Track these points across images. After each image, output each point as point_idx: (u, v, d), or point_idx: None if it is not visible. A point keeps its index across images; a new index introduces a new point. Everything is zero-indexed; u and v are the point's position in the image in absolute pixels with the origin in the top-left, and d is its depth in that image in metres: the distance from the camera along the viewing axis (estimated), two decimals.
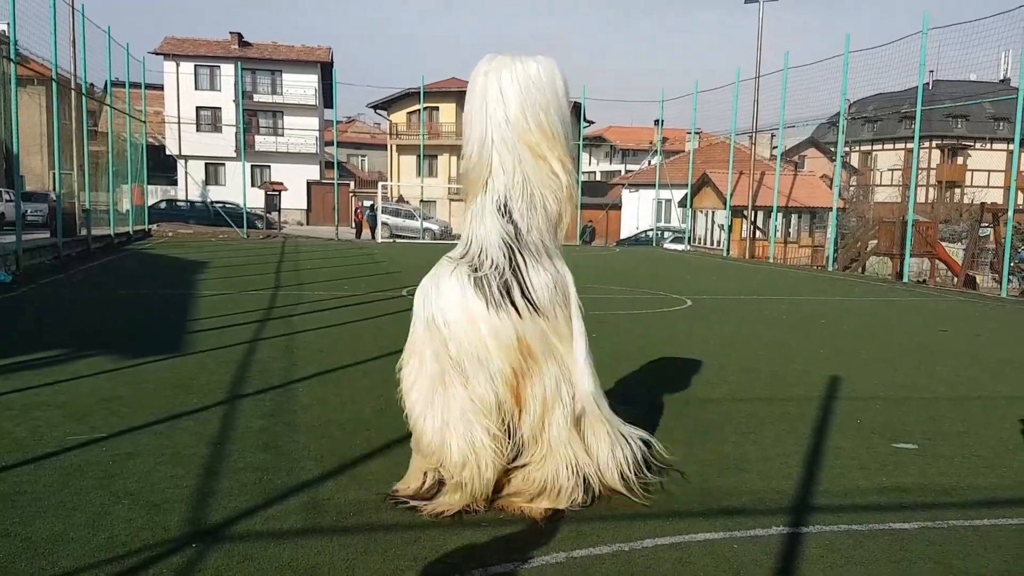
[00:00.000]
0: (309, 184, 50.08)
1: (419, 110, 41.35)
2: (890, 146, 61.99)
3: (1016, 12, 17.07)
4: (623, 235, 42.90)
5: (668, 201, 38.83)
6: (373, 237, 35.50)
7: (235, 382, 6.69)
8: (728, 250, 29.88)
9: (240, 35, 51.25)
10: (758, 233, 29.91)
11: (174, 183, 49.24)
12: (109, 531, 3.68)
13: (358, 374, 7.16)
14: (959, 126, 61.18)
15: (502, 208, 4.07)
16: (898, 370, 8.29)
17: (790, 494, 4.46)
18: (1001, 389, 7.58)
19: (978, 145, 61.09)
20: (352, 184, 50.89)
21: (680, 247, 33.28)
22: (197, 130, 49.26)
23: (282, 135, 50.69)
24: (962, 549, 3.80)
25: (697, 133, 36.27)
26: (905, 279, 20.62)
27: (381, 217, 36.41)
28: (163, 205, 37.79)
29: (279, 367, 7.34)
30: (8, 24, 15.80)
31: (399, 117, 52.19)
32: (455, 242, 4.49)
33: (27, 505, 3.95)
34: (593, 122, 55.92)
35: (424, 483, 4.10)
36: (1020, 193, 22.41)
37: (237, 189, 37.02)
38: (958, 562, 3.67)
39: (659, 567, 3.52)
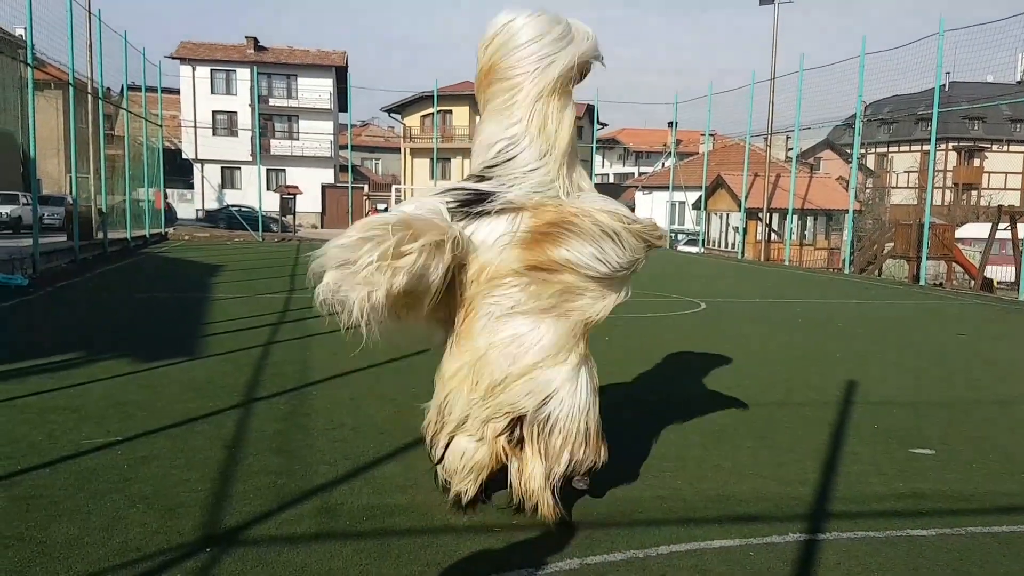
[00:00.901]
0: (324, 187, 50.21)
1: (433, 113, 41.47)
2: (906, 148, 61.57)
3: None
4: None
5: (682, 203, 38.73)
6: None
7: (250, 385, 6.70)
8: (743, 253, 29.76)
9: (256, 39, 51.45)
10: (773, 235, 29.79)
11: (190, 187, 49.54)
12: (124, 535, 3.68)
13: (372, 377, 7.16)
14: (976, 128, 60.69)
15: None
16: (915, 374, 8.22)
17: (807, 500, 4.42)
18: (1020, 393, 7.50)
19: (995, 147, 60.57)
20: (366, 187, 51.02)
21: (694, 249, 33.19)
22: (213, 134, 49.49)
23: (297, 139, 50.86)
24: (981, 556, 3.76)
25: (711, 135, 36.16)
26: (922, 282, 20.47)
27: None
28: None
29: (293, 370, 7.36)
30: (25, 28, 15.93)
31: (413, 120, 52.29)
32: None
33: (43, 509, 3.96)
34: (606, 124, 55.94)
35: None
36: None
37: (253, 193, 37.21)
38: (977, 570, 3.63)
39: (674, 574, 3.50)
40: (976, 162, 61.80)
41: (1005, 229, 23.93)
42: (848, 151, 43.33)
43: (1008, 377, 8.30)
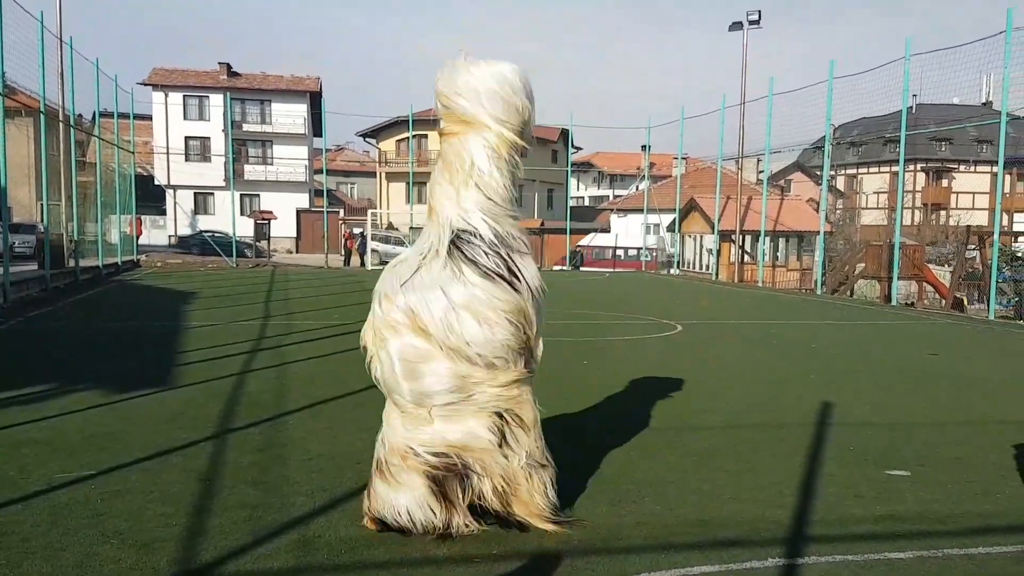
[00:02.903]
0: (298, 212, 50.09)
1: (408, 138, 41.53)
2: (875, 169, 62.53)
3: (996, 38, 17.32)
4: None
5: (656, 226, 38.99)
6: (363, 264, 35.48)
7: (225, 415, 6.63)
8: (717, 274, 29.99)
9: (229, 65, 51.44)
10: (746, 257, 30.05)
11: (163, 213, 49.19)
12: (97, 572, 3.62)
13: (348, 406, 7.12)
14: (943, 149, 61.80)
15: None
16: (889, 395, 8.30)
17: (785, 524, 4.43)
18: (993, 413, 7.59)
19: (962, 168, 61.68)
20: (341, 212, 50.94)
21: (669, 271, 33.38)
22: (186, 160, 49.28)
23: (271, 164, 50.77)
24: None
25: (684, 158, 36.52)
26: (893, 302, 20.71)
27: (371, 244, 36.45)
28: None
29: (269, 399, 7.30)
30: None
31: (388, 145, 52.38)
32: None
33: (14, 546, 3.89)
34: (581, 148, 56.26)
35: None
36: (1005, 215, 22.59)
37: (226, 218, 37.02)
38: None
39: None
40: (944, 182, 62.86)
41: (974, 249, 24.31)
42: (818, 173, 43.87)
43: (981, 397, 8.39)
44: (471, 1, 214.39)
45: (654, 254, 36.90)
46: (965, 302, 23.39)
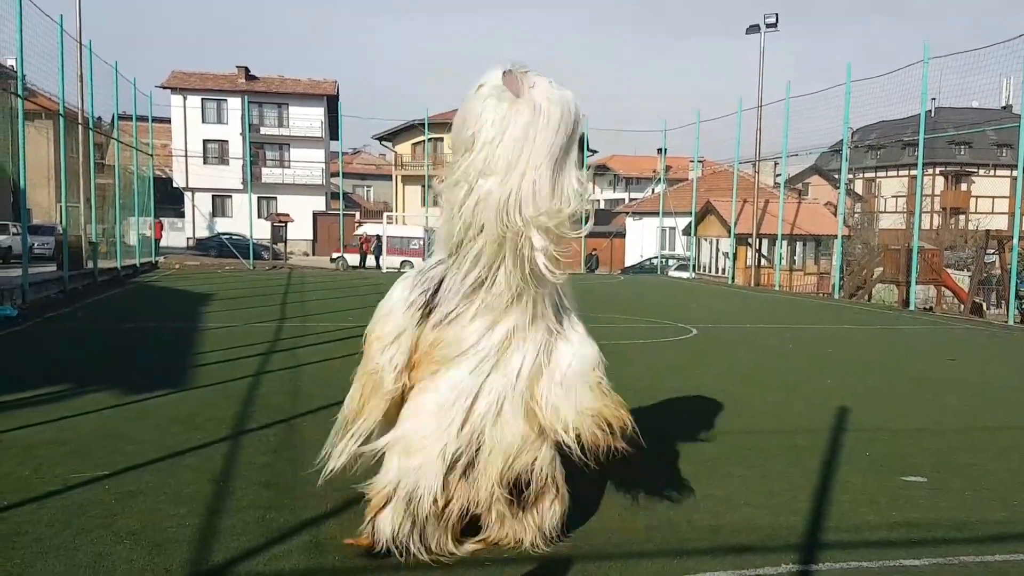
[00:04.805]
0: (315, 215, 50.28)
1: (423, 141, 41.63)
2: (894, 173, 62.05)
3: (1016, 41, 17.18)
4: (628, 263, 42.94)
5: (672, 229, 38.88)
6: (377, 266, 35.56)
7: (239, 417, 6.66)
8: (733, 278, 29.85)
9: (247, 69, 51.74)
10: (763, 261, 29.91)
11: (181, 215, 49.51)
12: (110, 572, 3.64)
13: None
14: (962, 153, 61.26)
15: None
16: (906, 400, 8.23)
17: (799, 530, 4.40)
18: (1011, 419, 7.51)
19: (982, 171, 61.14)
20: (358, 214, 51.14)
21: (685, 275, 33.27)
22: (204, 163, 49.59)
23: (288, 167, 51.02)
24: None
25: (700, 161, 36.40)
26: (911, 307, 20.55)
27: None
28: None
29: (283, 402, 7.32)
30: (16, 59, 15.97)
31: (404, 148, 52.56)
32: None
33: (28, 546, 3.91)
34: (596, 151, 56.22)
35: None
36: None
37: (244, 221, 37.19)
38: None
39: None
40: (963, 186, 62.33)
41: (993, 253, 24.11)
42: (836, 176, 43.64)
43: (997, 403, 8.31)
44: (482, 3, 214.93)
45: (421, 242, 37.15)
46: (984, 307, 23.19)
